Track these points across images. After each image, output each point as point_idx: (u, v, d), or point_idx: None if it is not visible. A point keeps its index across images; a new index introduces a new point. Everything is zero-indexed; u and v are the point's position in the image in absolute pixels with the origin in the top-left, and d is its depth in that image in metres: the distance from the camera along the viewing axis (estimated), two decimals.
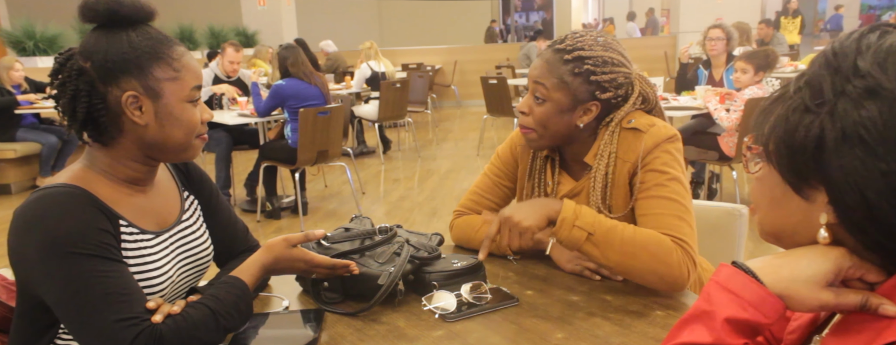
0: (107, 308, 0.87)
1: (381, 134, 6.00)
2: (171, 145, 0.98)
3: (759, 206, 0.65)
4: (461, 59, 9.79)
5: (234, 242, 1.19)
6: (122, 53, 0.93)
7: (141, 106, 0.95)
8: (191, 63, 0.99)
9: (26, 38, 6.65)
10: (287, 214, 4.17)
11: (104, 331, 0.86)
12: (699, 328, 0.60)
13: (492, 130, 7.23)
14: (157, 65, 0.95)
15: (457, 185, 4.80)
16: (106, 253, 0.90)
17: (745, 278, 0.59)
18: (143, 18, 0.97)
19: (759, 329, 0.60)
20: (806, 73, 0.58)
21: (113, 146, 0.98)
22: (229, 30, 9.35)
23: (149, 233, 1.00)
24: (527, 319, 1.03)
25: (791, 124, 0.56)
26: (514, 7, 16.02)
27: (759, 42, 7.24)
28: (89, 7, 0.93)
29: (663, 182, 1.15)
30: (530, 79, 1.21)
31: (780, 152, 0.58)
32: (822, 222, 0.57)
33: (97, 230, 0.90)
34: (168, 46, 0.96)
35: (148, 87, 0.94)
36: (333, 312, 1.07)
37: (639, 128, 1.19)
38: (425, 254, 1.12)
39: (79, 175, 0.97)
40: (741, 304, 0.59)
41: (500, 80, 5.68)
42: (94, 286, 0.87)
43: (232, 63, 4.55)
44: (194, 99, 0.99)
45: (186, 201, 1.11)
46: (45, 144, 5.04)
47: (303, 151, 3.74)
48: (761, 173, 0.63)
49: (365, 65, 6.03)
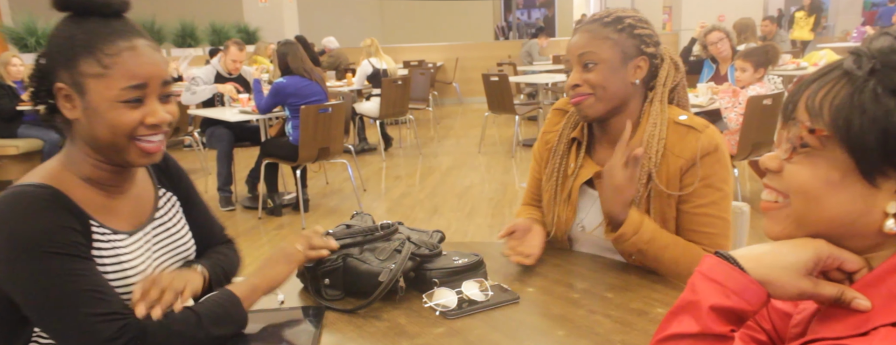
0: (83, 304, 0.86)
1: (382, 131, 6.00)
2: (101, 143, 0.93)
3: (804, 191, 0.60)
4: (463, 57, 9.78)
5: (212, 234, 1.18)
6: (59, 44, 0.91)
7: (70, 98, 0.92)
8: (130, 61, 0.90)
9: (28, 35, 6.66)
10: (288, 211, 4.17)
11: (83, 326, 0.85)
12: (686, 319, 0.62)
13: (493, 127, 7.23)
14: (85, 59, 0.89)
15: (458, 182, 4.80)
16: (76, 252, 0.89)
17: (727, 267, 0.61)
18: (100, 11, 0.92)
19: (743, 316, 0.61)
20: (872, 57, 0.57)
21: (73, 137, 0.96)
22: (231, 27, 9.34)
23: (122, 233, 0.99)
24: (528, 316, 1.03)
25: (885, 107, 0.55)
26: (515, 4, 15.99)
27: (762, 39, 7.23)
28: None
29: (717, 200, 1.20)
30: (573, 52, 1.23)
31: (865, 135, 0.55)
32: (890, 212, 0.56)
33: (66, 229, 0.89)
34: (106, 42, 0.90)
35: (74, 80, 0.90)
36: (333, 309, 1.07)
37: (694, 126, 1.21)
38: (426, 251, 1.12)
39: (53, 174, 0.95)
40: (725, 292, 0.60)
41: (501, 78, 5.67)
42: (66, 284, 0.86)
43: (235, 62, 4.56)
44: (131, 99, 0.91)
45: (162, 198, 1.09)
46: (47, 140, 5.04)
47: (304, 148, 3.74)
48: (814, 158, 0.59)
49: (366, 62, 6.03)
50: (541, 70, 7.82)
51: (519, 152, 5.80)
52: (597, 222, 1.28)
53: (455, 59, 9.78)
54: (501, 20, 15.06)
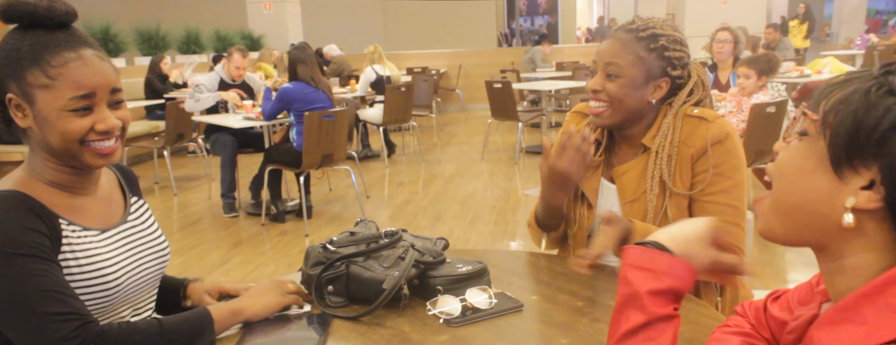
0: (41, 304, 0.88)
1: (385, 138, 6.01)
2: (55, 150, 0.95)
3: (780, 173, 0.63)
4: (466, 64, 9.80)
5: None
6: (6, 56, 0.93)
7: (21, 108, 0.94)
8: (75, 72, 0.92)
9: None
10: (291, 217, 4.18)
11: (40, 326, 0.87)
12: (631, 312, 0.65)
13: (496, 134, 7.23)
14: (31, 71, 0.91)
15: (461, 189, 4.79)
16: (37, 252, 0.90)
17: (651, 252, 0.66)
18: (46, 24, 0.93)
19: (679, 294, 0.66)
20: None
21: (30, 145, 1.00)
22: (235, 33, 9.39)
23: (93, 230, 1.01)
24: (531, 324, 1.02)
25: (869, 103, 0.56)
26: (518, 11, 16.04)
27: (766, 46, 7.23)
28: (1, 9, 0.92)
29: (728, 188, 1.21)
30: (601, 59, 1.25)
31: (842, 124, 0.57)
32: (848, 206, 0.57)
33: (28, 230, 0.91)
34: (51, 53, 0.92)
35: (23, 91, 0.93)
36: (337, 316, 1.07)
37: (706, 117, 1.24)
38: (430, 258, 1.12)
39: (19, 179, 0.98)
40: (656, 275, 0.65)
41: (504, 85, 5.68)
42: (26, 284, 0.88)
43: (238, 69, 4.58)
44: (79, 108, 0.92)
45: (134, 205, 1.13)
46: None
47: (308, 155, 3.75)
48: (802, 143, 0.62)
49: (370, 69, 6.05)
50: (544, 77, 7.84)
51: (522, 159, 5.80)
52: None
53: (458, 65, 9.80)
54: (504, 27, 15.11)
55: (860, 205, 0.57)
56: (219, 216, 4.25)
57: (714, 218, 0.69)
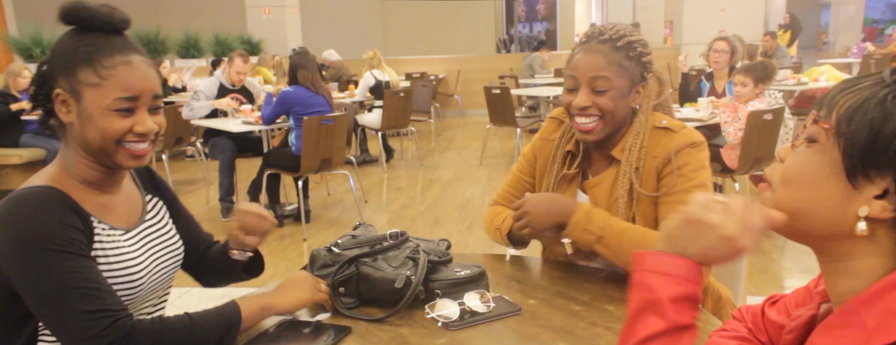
0: (77, 301, 0.91)
1: (384, 143, 6.02)
2: (92, 147, 1.00)
3: (789, 180, 0.63)
4: (464, 69, 9.83)
5: (198, 236, 1.26)
6: (61, 54, 0.99)
7: (67, 104, 0.99)
8: (125, 74, 0.98)
9: (34, 45, 6.72)
10: (290, 221, 4.18)
11: (75, 323, 0.91)
12: (651, 318, 0.63)
13: (495, 139, 7.25)
14: (83, 69, 0.97)
15: (459, 194, 4.80)
16: (76, 249, 0.95)
17: (670, 257, 0.64)
18: (104, 28, 0.99)
19: (696, 297, 0.64)
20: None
21: (68, 144, 1.03)
22: (234, 38, 9.41)
23: (119, 229, 1.05)
24: (529, 328, 1.03)
25: (885, 113, 0.55)
26: (517, 17, 16.10)
27: (763, 54, 7.27)
28: (64, 9, 0.99)
29: (689, 188, 1.21)
30: (585, 73, 1.22)
31: (857, 134, 0.57)
32: (861, 215, 0.57)
33: (68, 227, 0.95)
34: (104, 55, 0.98)
35: (71, 88, 0.98)
36: (356, 318, 1.07)
37: (671, 127, 1.25)
38: (436, 258, 1.14)
39: (54, 176, 1.02)
40: (677, 280, 0.63)
41: (503, 90, 5.70)
42: (64, 281, 0.92)
43: (239, 73, 4.59)
44: (122, 109, 0.98)
45: (149, 202, 1.16)
46: (50, 149, 5.06)
47: (306, 159, 3.76)
48: (812, 150, 0.61)
49: (369, 73, 6.06)
50: (542, 83, 7.86)
51: None
52: None
53: (457, 71, 9.83)
54: (503, 33, 15.16)
55: (874, 214, 0.57)
56: (217, 220, 4.25)
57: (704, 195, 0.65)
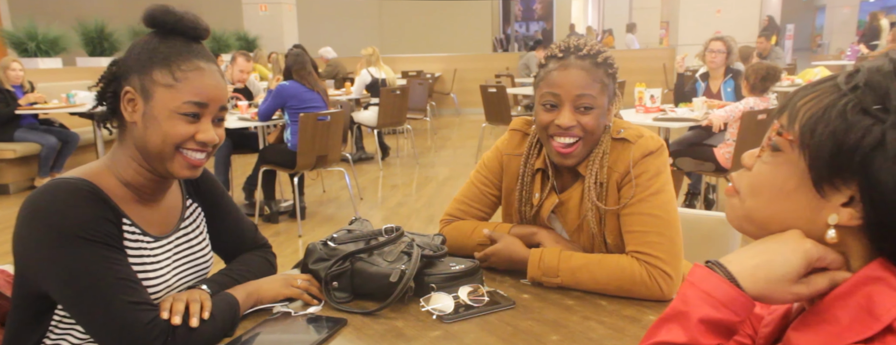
0: (120, 292, 0.91)
1: (379, 140, 6.03)
2: (150, 150, 0.99)
3: (758, 192, 0.63)
4: (461, 68, 9.84)
5: (242, 242, 1.24)
6: (139, 53, 1.00)
7: (134, 102, 0.99)
8: (199, 80, 0.98)
9: (28, 39, 6.68)
10: (285, 218, 4.18)
11: (120, 313, 0.90)
12: (675, 328, 0.62)
13: (490, 138, 7.26)
14: (159, 69, 0.98)
15: (454, 192, 4.78)
16: (112, 242, 0.94)
17: (718, 279, 0.61)
18: (186, 33, 1.01)
19: (732, 328, 0.62)
20: (863, 74, 0.58)
21: (123, 143, 1.03)
22: (230, 35, 9.39)
23: (150, 236, 1.04)
24: (522, 321, 1.04)
25: (847, 123, 0.56)
26: (514, 17, 16.12)
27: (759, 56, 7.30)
28: (150, 11, 1.00)
29: (646, 198, 1.19)
30: (569, 92, 1.17)
31: (821, 145, 0.57)
32: (831, 223, 0.58)
33: (103, 220, 0.94)
34: (182, 59, 0.98)
35: (144, 86, 0.98)
36: (348, 311, 1.08)
37: (628, 138, 1.22)
38: (431, 252, 1.15)
39: (94, 171, 1.01)
40: (714, 304, 0.61)
41: (499, 89, 5.72)
42: (103, 272, 0.91)
43: (242, 72, 4.60)
44: (189, 113, 0.98)
45: (188, 209, 1.14)
46: (45, 144, 5.04)
47: (302, 156, 3.76)
48: (779, 161, 0.62)
49: (365, 71, 6.07)
50: None
51: None
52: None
53: (453, 70, 9.84)
54: (500, 32, 15.17)
55: (843, 222, 0.58)
56: None
57: (812, 243, 0.60)
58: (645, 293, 1.12)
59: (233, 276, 1.13)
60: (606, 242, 1.24)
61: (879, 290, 0.56)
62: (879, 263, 0.58)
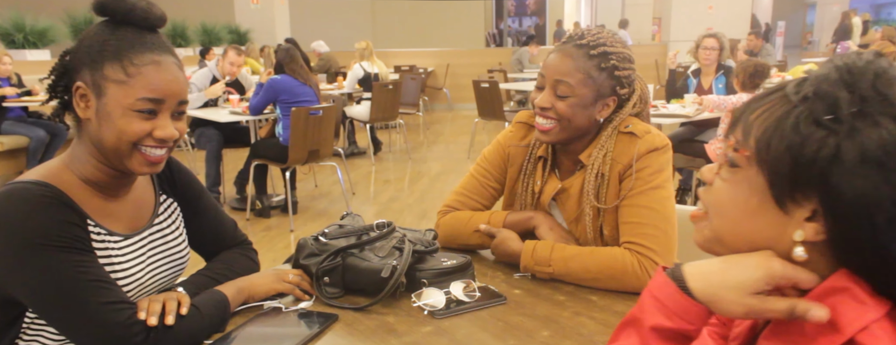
0: (93, 294, 0.88)
1: (372, 135, 6.01)
2: (106, 147, 0.94)
3: (722, 212, 0.62)
4: (453, 63, 9.82)
5: (222, 239, 1.21)
6: (89, 46, 0.94)
7: (86, 98, 0.94)
8: (154, 74, 0.92)
9: (16, 31, 6.61)
10: (277, 212, 4.17)
11: (97, 315, 0.88)
12: (632, 334, 0.64)
13: (483, 133, 7.26)
14: (111, 64, 0.92)
15: (447, 187, 4.81)
16: (78, 245, 0.91)
17: (671, 288, 0.62)
18: (139, 24, 0.95)
19: (688, 335, 0.62)
20: (811, 84, 0.57)
21: (80, 138, 0.98)
22: (222, 28, 9.33)
23: (117, 235, 1.00)
24: (514, 317, 1.05)
25: (801, 136, 0.55)
26: (507, 12, 16.10)
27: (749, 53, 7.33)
28: (99, 0, 0.94)
29: (645, 191, 1.19)
30: (550, 75, 1.20)
31: (779, 160, 0.56)
32: (797, 239, 0.57)
33: (67, 224, 0.90)
34: (134, 52, 0.92)
35: (95, 82, 0.93)
36: (345, 307, 1.08)
37: (635, 133, 1.23)
38: (422, 248, 1.15)
39: (52, 171, 0.97)
40: (667, 312, 0.61)
41: (491, 84, 5.72)
42: (74, 276, 0.88)
43: (233, 65, 4.58)
44: (145, 109, 0.92)
45: (162, 205, 1.11)
46: (33, 137, 5.00)
47: (294, 150, 3.75)
48: (738, 178, 0.60)
49: (357, 66, 6.04)
50: (531, 78, 7.89)
51: None
52: None
53: (446, 65, 9.82)
54: (493, 28, 15.15)
55: (808, 238, 0.57)
56: None
57: (778, 261, 0.59)
58: (635, 284, 1.13)
59: (212, 276, 1.11)
60: (603, 234, 1.25)
61: (843, 301, 0.55)
62: (844, 273, 0.57)
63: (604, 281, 1.15)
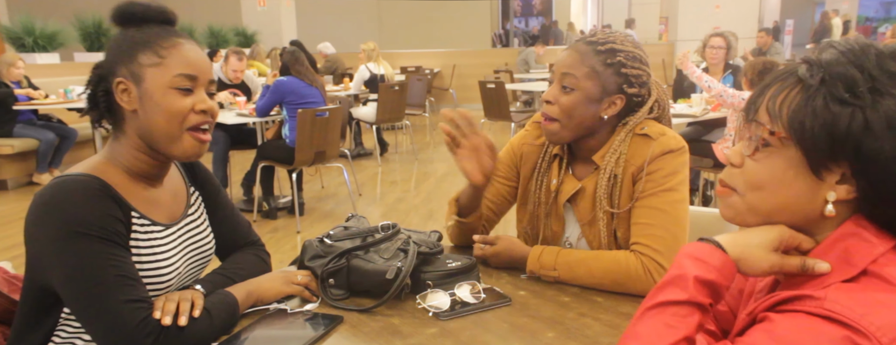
0: (116, 290, 0.92)
1: (378, 136, 6.02)
2: (156, 133, 1.00)
3: (760, 186, 0.70)
4: (460, 63, 9.83)
5: (235, 237, 1.24)
6: (119, 44, 1.02)
7: (128, 91, 1.00)
8: (183, 53, 1.01)
9: (26, 35, 6.66)
10: (283, 214, 4.18)
11: (113, 310, 0.91)
12: (674, 289, 0.70)
13: (489, 133, 7.18)
14: (143, 52, 0.99)
15: (453, 188, 4.81)
16: (116, 239, 0.96)
17: (709, 247, 0.71)
18: (157, 19, 1.03)
19: (719, 291, 0.70)
20: (822, 67, 0.66)
21: (122, 136, 1.04)
22: (229, 30, 9.36)
23: (160, 225, 1.05)
24: (519, 318, 1.04)
25: (832, 114, 0.64)
26: (513, 12, 16.08)
27: (758, 50, 7.30)
28: (116, 10, 1.02)
29: (658, 193, 1.19)
30: (558, 69, 1.23)
31: (816, 137, 0.65)
32: (830, 199, 0.67)
33: (109, 217, 0.95)
34: (162, 38, 1.00)
35: (133, 72, 0.99)
36: (344, 308, 1.08)
37: (650, 135, 1.22)
38: (427, 249, 1.15)
39: (98, 166, 1.02)
40: (707, 267, 0.69)
41: (498, 85, 5.71)
42: (105, 268, 0.92)
43: (235, 71, 4.61)
44: (183, 87, 1.00)
45: (192, 196, 1.16)
46: (43, 140, 5.04)
47: (300, 152, 3.76)
48: (772, 156, 0.69)
49: (364, 67, 6.06)
50: (537, 78, 7.87)
51: None
52: (578, 236, 1.30)
53: (452, 65, 9.82)
54: (499, 28, 15.14)
55: (841, 197, 0.67)
56: None
57: (784, 226, 0.70)
58: (640, 288, 1.12)
59: (227, 275, 1.13)
60: (617, 236, 1.24)
61: (854, 243, 0.67)
62: (852, 221, 0.68)
63: (609, 285, 1.15)
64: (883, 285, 0.62)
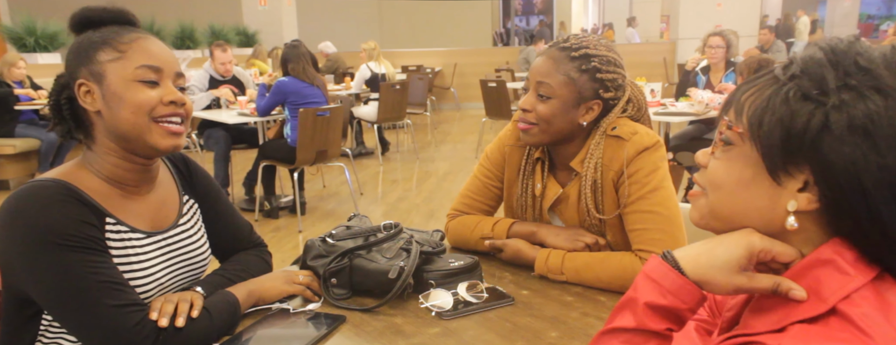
0: (104, 296, 0.89)
1: (379, 135, 6.02)
2: (124, 129, 0.95)
3: (718, 186, 0.64)
4: (461, 62, 9.82)
5: (237, 241, 1.22)
6: (76, 48, 0.98)
7: (90, 92, 0.96)
8: (144, 46, 0.96)
9: (27, 35, 6.66)
10: (285, 213, 4.18)
11: (106, 317, 0.88)
12: (626, 314, 0.67)
13: (490, 132, 7.26)
14: (102, 50, 0.95)
15: (455, 187, 4.81)
16: (93, 245, 0.92)
17: (666, 268, 0.65)
18: (116, 21, 1.00)
19: (680, 315, 0.65)
20: (798, 64, 0.60)
21: (93, 144, 1.00)
22: (230, 29, 9.36)
23: (140, 232, 1.01)
24: (521, 318, 1.04)
25: (791, 109, 0.58)
26: (514, 11, 16.07)
27: (760, 48, 7.28)
28: (73, 18, 0.99)
29: (645, 195, 1.18)
30: (533, 77, 1.21)
31: (771, 135, 0.59)
32: (790, 209, 0.60)
33: (79, 223, 0.91)
34: (119, 35, 0.96)
35: (93, 72, 0.95)
36: (347, 308, 1.08)
37: (621, 136, 1.21)
38: (429, 248, 1.14)
39: (69, 171, 0.98)
40: (661, 291, 0.65)
41: (499, 84, 5.71)
42: (86, 277, 0.89)
43: (223, 64, 4.55)
44: (147, 79, 0.95)
45: (185, 205, 1.12)
46: (44, 140, 5.04)
47: (302, 151, 3.76)
48: (732, 154, 0.63)
49: (365, 66, 6.05)
50: None
51: None
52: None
53: (453, 64, 9.82)
54: (500, 27, 15.12)
55: (801, 207, 0.59)
56: None
57: (757, 236, 0.62)
58: None
59: (228, 276, 1.12)
60: (608, 240, 1.25)
61: (827, 273, 0.58)
62: (831, 245, 0.60)
63: (616, 288, 1.15)
64: (849, 331, 0.54)
